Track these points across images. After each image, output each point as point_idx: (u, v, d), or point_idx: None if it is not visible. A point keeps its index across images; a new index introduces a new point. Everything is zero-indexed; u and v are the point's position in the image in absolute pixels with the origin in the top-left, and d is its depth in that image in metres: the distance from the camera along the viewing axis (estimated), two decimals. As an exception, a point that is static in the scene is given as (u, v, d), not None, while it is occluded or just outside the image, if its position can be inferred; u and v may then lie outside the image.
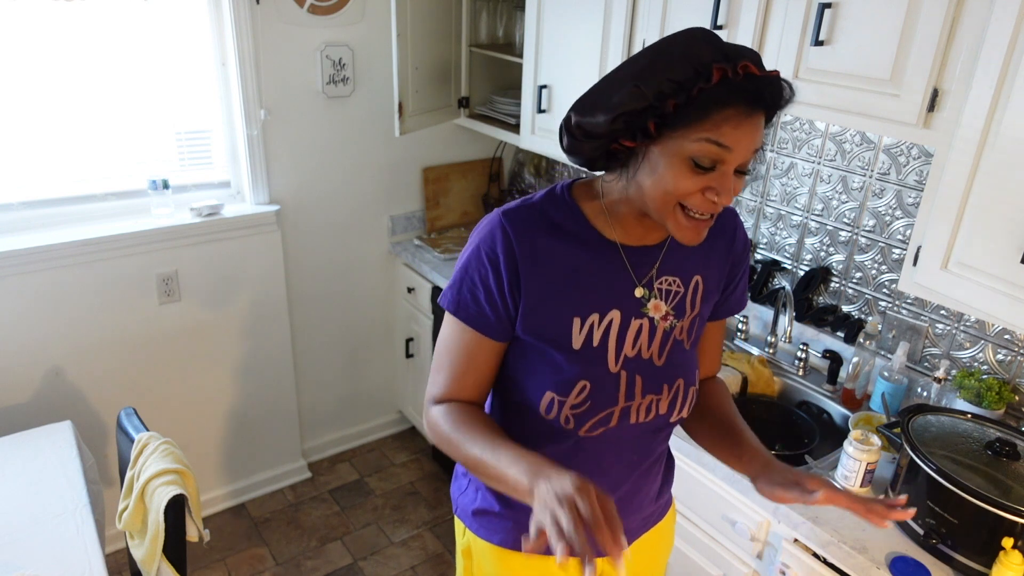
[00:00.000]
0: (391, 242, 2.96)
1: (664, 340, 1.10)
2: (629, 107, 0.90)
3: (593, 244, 1.05)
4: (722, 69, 0.87)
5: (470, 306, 1.04)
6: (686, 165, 0.91)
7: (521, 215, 1.03)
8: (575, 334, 1.04)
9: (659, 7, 1.85)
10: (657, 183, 0.94)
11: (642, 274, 1.08)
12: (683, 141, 0.90)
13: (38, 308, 2.23)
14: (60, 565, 1.51)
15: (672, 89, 0.88)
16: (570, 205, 1.05)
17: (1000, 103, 1.26)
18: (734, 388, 2.02)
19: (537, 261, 1.02)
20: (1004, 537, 1.28)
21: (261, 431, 2.84)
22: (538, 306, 1.03)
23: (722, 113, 0.88)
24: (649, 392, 1.09)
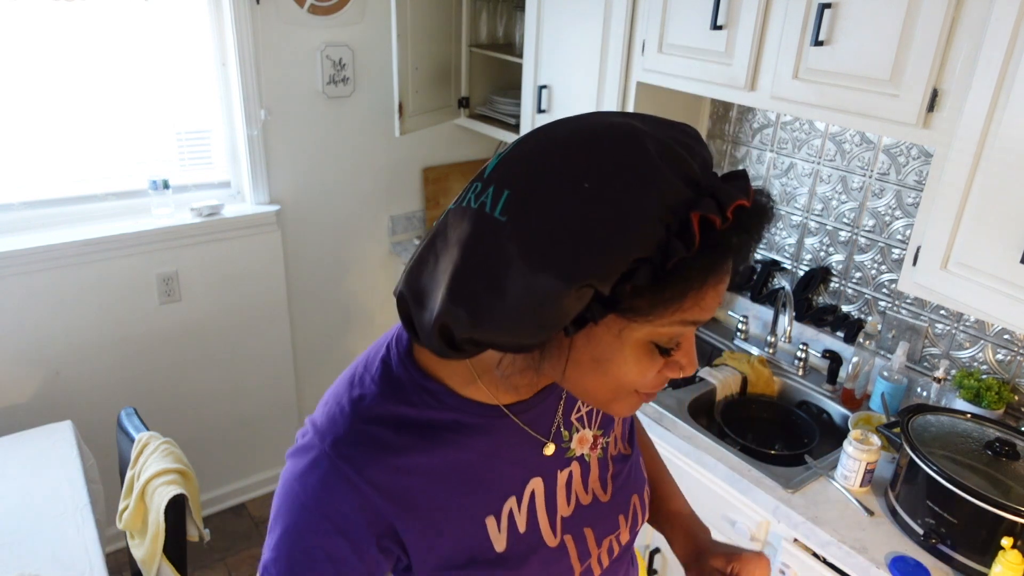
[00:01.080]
0: (391, 242, 2.96)
1: (603, 469, 0.84)
2: (576, 311, 0.57)
3: (481, 423, 0.73)
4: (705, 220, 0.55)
5: None
6: (645, 351, 0.62)
7: (361, 446, 0.68)
8: (494, 537, 0.75)
9: (659, 7, 1.85)
10: (601, 379, 0.64)
11: (547, 424, 0.79)
12: (644, 327, 0.60)
13: (38, 308, 2.23)
14: (60, 565, 1.51)
15: (632, 266, 0.55)
16: (423, 386, 0.71)
17: (1000, 103, 1.26)
18: (734, 388, 2.02)
19: (407, 493, 0.69)
20: (1004, 537, 1.28)
21: (261, 431, 2.84)
22: (432, 539, 0.72)
23: (707, 285, 0.58)
24: (605, 535, 0.84)
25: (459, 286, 0.57)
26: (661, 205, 0.54)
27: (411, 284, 0.63)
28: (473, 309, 0.57)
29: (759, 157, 2.16)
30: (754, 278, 2.22)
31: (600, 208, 0.54)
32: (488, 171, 0.58)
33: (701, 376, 2.02)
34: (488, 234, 0.56)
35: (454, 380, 0.71)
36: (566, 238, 0.54)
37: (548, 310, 0.55)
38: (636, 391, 0.66)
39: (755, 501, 1.61)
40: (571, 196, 0.54)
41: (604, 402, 0.68)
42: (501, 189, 0.56)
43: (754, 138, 2.16)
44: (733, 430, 1.85)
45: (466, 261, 0.57)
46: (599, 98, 2.12)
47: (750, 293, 2.24)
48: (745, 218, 0.57)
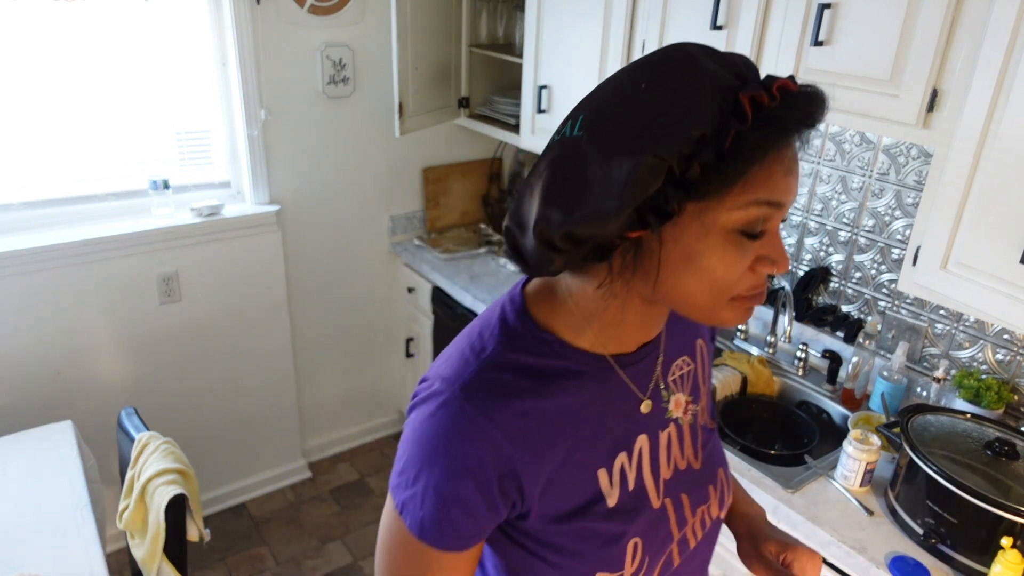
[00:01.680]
0: (391, 242, 2.96)
1: (694, 436, 0.88)
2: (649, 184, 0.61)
3: (592, 372, 0.77)
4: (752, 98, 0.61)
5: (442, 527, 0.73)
6: (732, 242, 0.65)
7: (490, 390, 0.72)
8: (607, 491, 0.78)
9: (659, 7, 1.85)
10: (696, 278, 0.67)
11: (647, 380, 0.82)
12: (721, 211, 0.63)
13: (38, 308, 2.23)
14: (60, 565, 1.51)
15: (695, 146, 0.61)
16: (539, 337, 0.76)
17: (1000, 103, 1.26)
18: (734, 388, 2.02)
19: (530, 437, 0.73)
20: (1003, 537, 1.28)
21: (261, 431, 2.84)
22: (550, 486, 0.75)
23: (767, 159, 0.62)
24: (699, 504, 0.87)
25: (549, 192, 0.66)
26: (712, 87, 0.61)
27: (515, 216, 0.71)
28: (564, 205, 0.65)
29: (759, 157, 2.16)
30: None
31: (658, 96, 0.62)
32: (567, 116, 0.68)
33: (701, 376, 2.02)
34: (569, 148, 0.66)
35: (565, 331, 0.76)
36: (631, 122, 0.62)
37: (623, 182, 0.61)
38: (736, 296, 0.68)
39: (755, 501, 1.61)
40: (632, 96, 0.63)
41: (706, 308, 0.69)
42: (577, 115, 0.66)
43: (754, 138, 2.16)
44: (733, 430, 1.85)
45: (554, 173, 0.66)
46: (599, 98, 2.11)
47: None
48: (793, 98, 0.63)
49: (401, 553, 0.77)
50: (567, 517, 0.77)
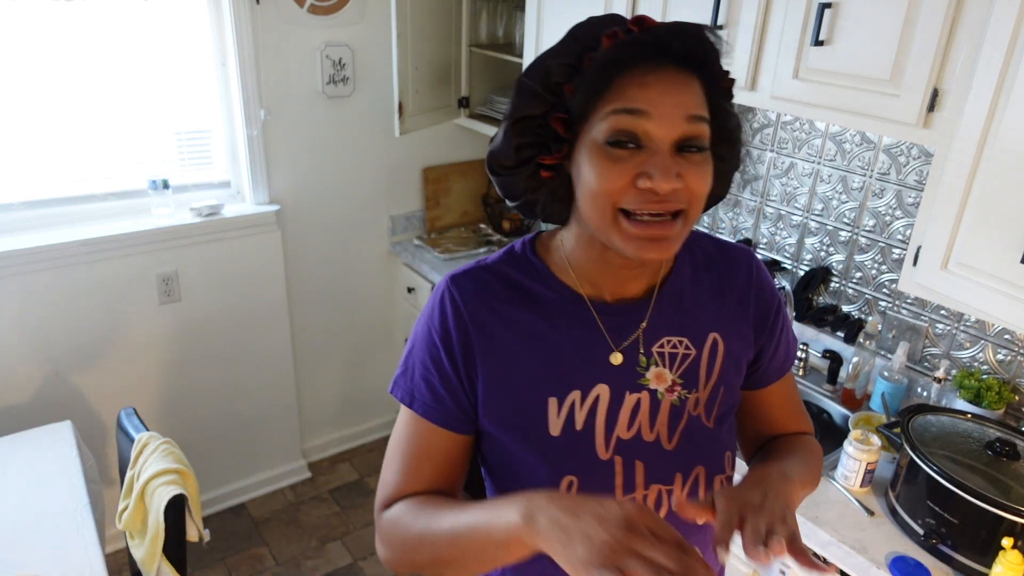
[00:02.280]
0: (391, 242, 2.96)
1: (674, 417, 0.88)
2: (524, 110, 0.76)
3: (565, 304, 0.86)
4: (612, 33, 0.74)
5: (425, 395, 0.86)
6: (603, 153, 0.73)
7: (472, 279, 0.86)
8: (552, 418, 0.84)
9: (659, 7, 1.85)
10: (584, 191, 0.77)
11: (622, 336, 0.87)
12: (592, 129, 0.74)
13: (38, 308, 2.23)
14: (60, 565, 1.51)
15: (562, 72, 0.75)
16: (532, 261, 0.88)
17: (1000, 103, 1.26)
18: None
19: (495, 334, 0.84)
20: (1004, 537, 1.28)
21: (261, 431, 2.84)
22: (501, 388, 0.85)
23: (623, 76, 0.72)
24: (654, 481, 0.87)
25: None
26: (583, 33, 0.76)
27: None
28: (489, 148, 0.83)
29: (759, 157, 2.16)
30: (754, 278, 2.22)
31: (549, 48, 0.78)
32: None
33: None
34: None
35: (554, 265, 0.88)
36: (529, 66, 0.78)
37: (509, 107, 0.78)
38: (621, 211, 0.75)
39: (755, 501, 1.61)
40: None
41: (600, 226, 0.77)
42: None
43: (754, 138, 2.16)
44: (733, 430, 1.84)
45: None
46: (599, 98, 2.11)
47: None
48: (654, 29, 0.74)
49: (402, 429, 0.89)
50: (510, 427, 0.85)
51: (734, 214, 2.28)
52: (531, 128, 0.77)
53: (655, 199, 0.72)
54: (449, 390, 0.85)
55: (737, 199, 2.26)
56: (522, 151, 0.78)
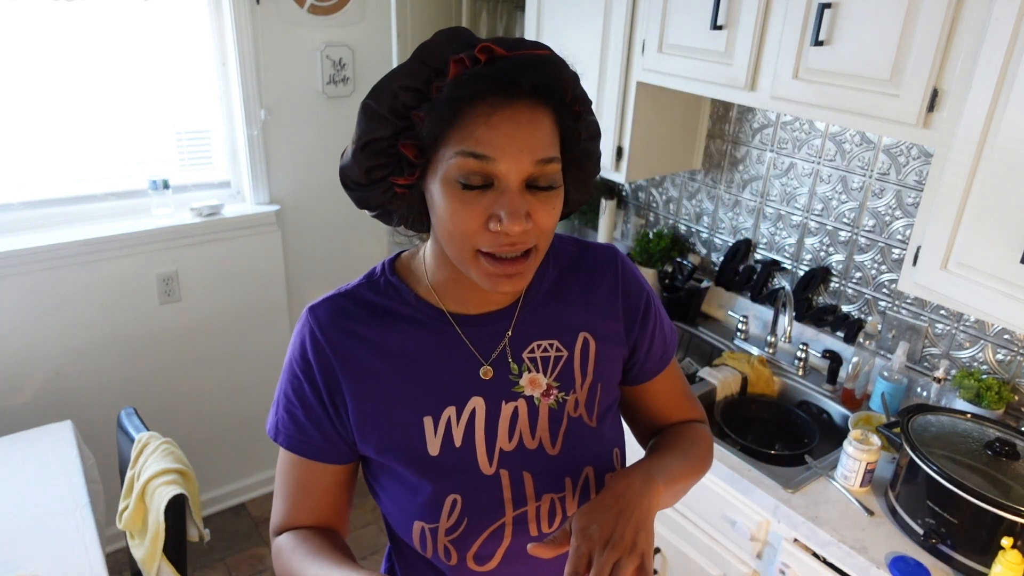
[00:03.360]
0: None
1: (554, 422, 0.87)
2: (371, 134, 0.74)
3: (429, 323, 0.86)
4: (459, 59, 0.71)
5: (289, 428, 0.86)
6: (454, 192, 0.73)
7: (329, 308, 0.85)
8: (429, 437, 0.84)
9: (659, 7, 1.85)
10: (439, 224, 0.77)
11: (490, 347, 0.87)
12: (442, 162, 0.73)
13: (38, 308, 2.23)
14: (60, 565, 1.51)
15: (410, 97, 0.72)
16: (391, 282, 0.88)
17: (1000, 103, 1.26)
18: (734, 388, 2.02)
19: (358, 360, 0.83)
20: (1004, 537, 1.28)
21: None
22: (373, 413, 0.84)
23: (470, 112, 0.71)
24: (546, 491, 0.86)
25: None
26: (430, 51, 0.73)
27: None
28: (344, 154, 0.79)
29: (759, 157, 2.16)
30: (754, 278, 2.22)
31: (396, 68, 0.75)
32: None
33: (701, 376, 2.02)
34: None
35: (415, 283, 0.88)
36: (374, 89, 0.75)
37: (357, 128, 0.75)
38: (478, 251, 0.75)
39: (755, 501, 1.61)
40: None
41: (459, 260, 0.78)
42: None
43: (754, 138, 2.16)
44: (733, 430, 1.85)
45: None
46: (599, 97, 2.12)
47: (750, 293, 2.24)
48: (502, 61, 0.71)
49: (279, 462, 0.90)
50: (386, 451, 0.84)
51: (734, 214, 2.28)
52: (381, 150, 0.75)
53: (507, 241, 0.73)
54: (314, 422, 0.85)
55: (737, 199, 2.26)
56: (373, 172, 0.76)
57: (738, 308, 2.30)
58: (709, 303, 2.39)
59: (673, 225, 2.52)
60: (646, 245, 2.46)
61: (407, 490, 0.85)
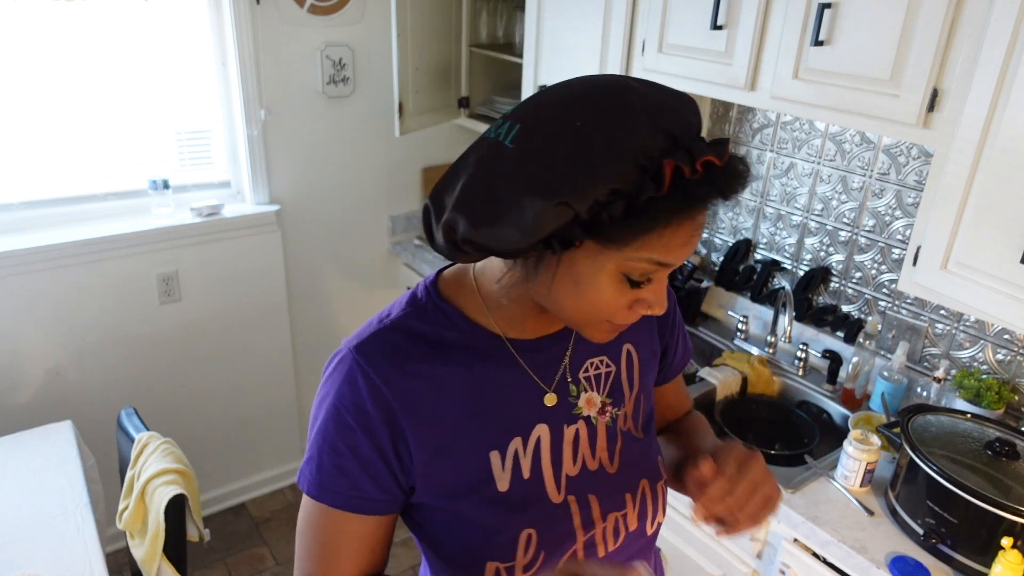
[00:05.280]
0: (391, 242, 2.96)
1: (611, 439, 0.87)
2: (554, 226, 0.64)
3: (487, 350, 0.80)
4: (675, 167, 0.63)
5: (339, 484, 0.76)
6: (617, 283, 0.70)
7: (379, 344, 0.77)
8: (498, 473, 0.79)
9: (659, 7, 1.85)
10: (579, 300, 0.71)
11: (550, 372, 0.83)
12: (616, 257, 0.67)
13: (38, 308, 2.23)
14: (60, 565, 1.51)
15: (609, 199, 0.63)
16: (442, 309, 0.80)
17: (1000, 103, 1.26)
18: (734, 388, 2.02)
19: (419, 400, 0.76)
20: (1004, 537, 1.28)
21: (261, 431, 2.84)
22: (439, 457, 0.77)
23: (671, 226, 0.65)
24: (610, 510, 0.85)
25: (464, 196, 0.67)
26: (638, 147, 0.63)
27: (435, 197, 0.71)
28: (471, 217, 0.66)
29: (759, 157, 2.16)
30: (754, 278, 2.22)
31: (585, 142, 0.63)
32: (508, 111, 0.69)
33: (701, 376, 2.02)
34: (496, 157, 0.66)
35: (468, 308, 0.80)
36: (552, 164, 0.63)
37: (529, 220, 0.64)
38: (608, 320, 0.74)
39: (755, 501, 1.61)
40: (564, 131, 0.64)
41: (579, 323, 0.75)
42: (514, 124, 0.67)
43: (754, 138, 2.16)
44: (733, 430, 1.85)
45: (474, 177, 0.67)
46: (599, 98, 2.11)
47: (750, 293, 2.24)
48: (715, 174, 0.65)
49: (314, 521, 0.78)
50: (456, 495, 0.78)
51: (734, 214, 2.28)
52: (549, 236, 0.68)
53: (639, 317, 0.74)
54: (371, 475, 0.76)
55: (737, 199, 2.25)
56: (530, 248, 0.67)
57: (738, 308, 2.30)
58: (709, 303, 2.39)
59: (673, 225, 2.51)
60: (646, 245, 2.45)
61: (478, 532, 0.79)
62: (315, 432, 0.77)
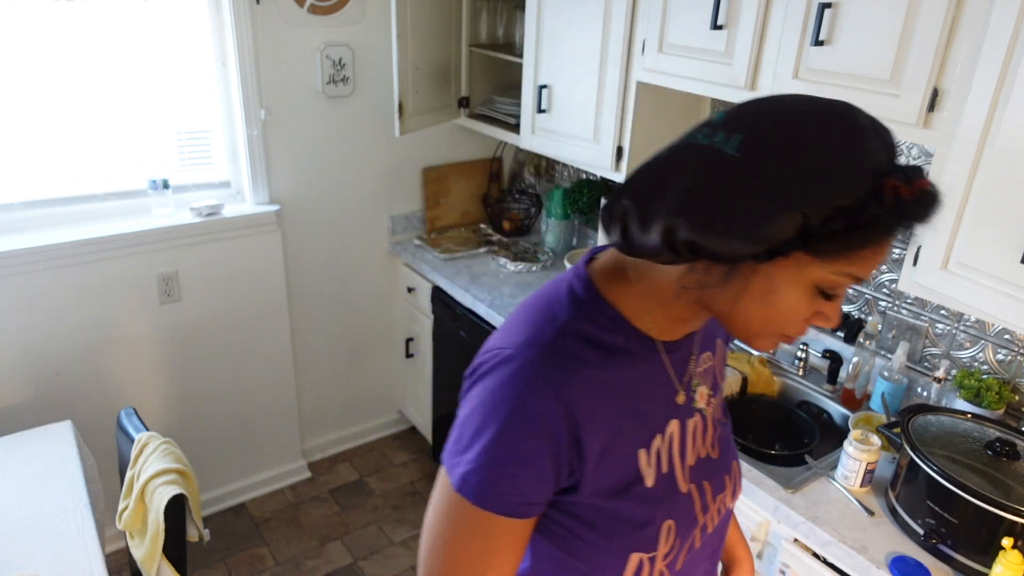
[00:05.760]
0: (391, 242, 2.96)
1: (714, 428, 0.93)
2: (784, 236, 0.65)
3: (642, 353, 0.81)
4: (896, 188, 0.64)
5: (509, 493, 0.75)
6: (810, 295, 0.71)
7: (564, 354, 0.76)
8: (645, 470, 0.82)
9: (659, 7, 1.85)
10: (767, 310, 0.72)
11: (682, 371, 0.87)
12: (821, 270, 0.68)
13: (38, 308, 2.23)
14: (60, 565, 1.51)
15: (834, 213, 0.64)
16: (603, 308, 0.79)
17: (1000, 103, 1.26)
18: (734, 388, 2.02)
19: (595, 408, 0.76)
20: (1004, 537, 1.28)
21: (261, 431, 2.84)
22: (602, 460, 0.78)
23: (879, 243, 0.67)
24: (717, 492, 0.92)
25: (688, 202, 0.67)
26: (868, 166, 0.64)
27: (637, 199, 0.71)
28: (698, 219, 0.66)
29: (759, 157, 2.16)
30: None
31: (822, 157, 0.64)
32: (717, 121, 0.69)
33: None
34: (720, 165, 0.66)
35: (628, 310, 0.80)
36: (789, 176, 0.64)
37: (764, 229, 0.64)
38: (782, 331, 0.75)
39: (755, 501, 1.61)
40: (797, 145, 0.65)
41: (753, 333, 0.76)
42: (732, 134, 0.67)
43: (754, 138, 2.16)
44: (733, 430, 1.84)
45: (697, 184, 0.67)
46: (599, 97, 2.11)
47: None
48: (924, 197, 0.65)
49: (467, 534, 0.77)
50: (612, 494, 0.80)
51: (734, 214, 2.28)
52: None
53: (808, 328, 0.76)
54: (541, 481, 0.76)
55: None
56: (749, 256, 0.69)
57: (738, 308, 2.30)
58: (709, 303, 2.38)
59: (673, 225, 2.51)
60: (646, 245, 2.45)
61: (628, 527, 0.82)
62: (485, 438, 0.74)
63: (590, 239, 2.86)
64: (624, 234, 0.72)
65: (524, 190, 3.16)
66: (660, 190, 0.69)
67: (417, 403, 3.10)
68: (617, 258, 0.81)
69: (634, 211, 0.70)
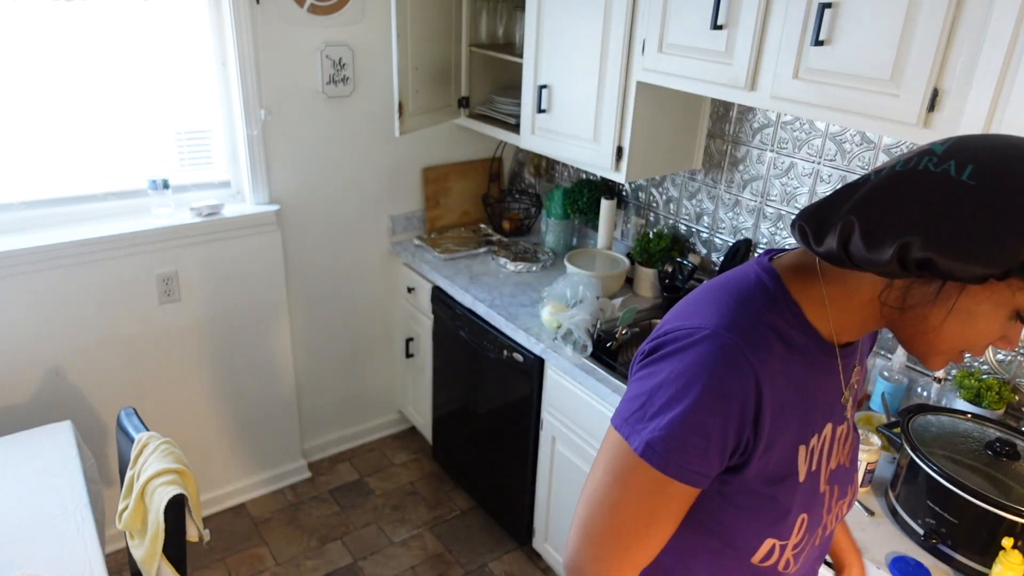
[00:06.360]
0: (391, 242, 2.96)
1: (854, 438, 0.97)
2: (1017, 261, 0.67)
3: (819, 353, 0.85)
4: None
5: (691, 461, 0.79)
6: (1006, 318, 0.74)
7: (759, 337, 0.80)
8: (801, 465, 0.86)
9: (659, 7, 1.85)
10: (964, 330, 0.75)
11: (848, 376, 0.91)
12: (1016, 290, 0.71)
13: (38, 308, 2.23)
14: (60, 565, 1.51)
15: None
16: (790, 306, 0.83)
17: (1000, 103, 1.26)
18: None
19: (777, 395, 0.81)
20: (1004, 537, 1.28)
21: (261, 431, 2.84)
22: (770, 447, 0.82)
23: None
24: (842, 498, 0.96)
25: (930, 223, 0.69)
26: None
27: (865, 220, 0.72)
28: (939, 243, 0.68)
29: (759, 157, 2.16)
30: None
31: None
32: (941, 149, 0.72)
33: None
34: (952, 189, 0.69)
35: (809, 310, 0.83)
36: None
37: (1006, 254, 0.66)
38: (963, 351, 0.78)
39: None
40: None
41: (938, 352, 0.79)
42: (965, 164, 0.69)
43: (754, 138, 2.16)
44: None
45: (935, 206, 0.69)
46: (599, 97, 2.11)
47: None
48: None
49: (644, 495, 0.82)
50: (770, 481, 0.84)
51: (734, 214, 2.28)
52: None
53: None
54: (720, 455, 0.80)
55: (737, 199, 2.26)
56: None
57: (738, 308, 2.30)
58: (709, 303, 2.38)
59: (673, 225, 2.52)
60: (646, 245, 2.46)
61: (771, 512, 0.86)
62: (678, 409, 0.78)
63: (590, 239, 2.86)
64: (844, 246, 0.74)
65: (524, 190, 3.16)
66: (890, 210, 0.71)
67: (417, 403, 3.09)
68: (805, 259, 0.85)
69: (860, 227, 0.73)
